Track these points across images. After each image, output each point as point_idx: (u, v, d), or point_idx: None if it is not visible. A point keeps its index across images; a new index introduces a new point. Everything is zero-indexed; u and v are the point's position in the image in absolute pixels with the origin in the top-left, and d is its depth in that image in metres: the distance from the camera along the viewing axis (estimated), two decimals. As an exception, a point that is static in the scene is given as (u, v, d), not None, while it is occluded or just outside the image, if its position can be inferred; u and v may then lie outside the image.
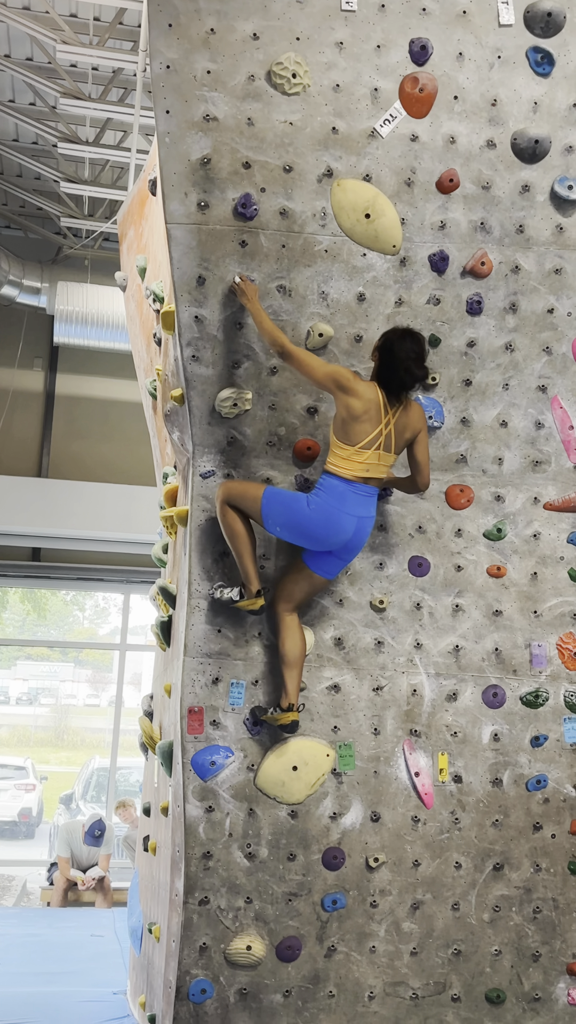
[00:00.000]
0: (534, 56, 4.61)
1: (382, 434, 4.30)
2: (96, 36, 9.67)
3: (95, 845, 10.13)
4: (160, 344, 5.22)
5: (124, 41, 9.80)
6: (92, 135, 11.14)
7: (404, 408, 4.36)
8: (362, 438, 4.29)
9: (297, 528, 4.33)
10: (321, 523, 4.30)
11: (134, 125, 9.48)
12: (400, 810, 4.63)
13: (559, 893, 4.77)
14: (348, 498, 4.30)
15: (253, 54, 4.40)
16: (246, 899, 4.49)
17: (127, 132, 10.98)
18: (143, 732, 5.42)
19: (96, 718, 19.73)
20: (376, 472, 4.34)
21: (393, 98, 4.52)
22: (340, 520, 4.29)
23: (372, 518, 4.40)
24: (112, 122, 10.87)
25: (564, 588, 4.84)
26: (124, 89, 10.50)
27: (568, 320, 4.75)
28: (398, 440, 4.36)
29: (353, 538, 4.36)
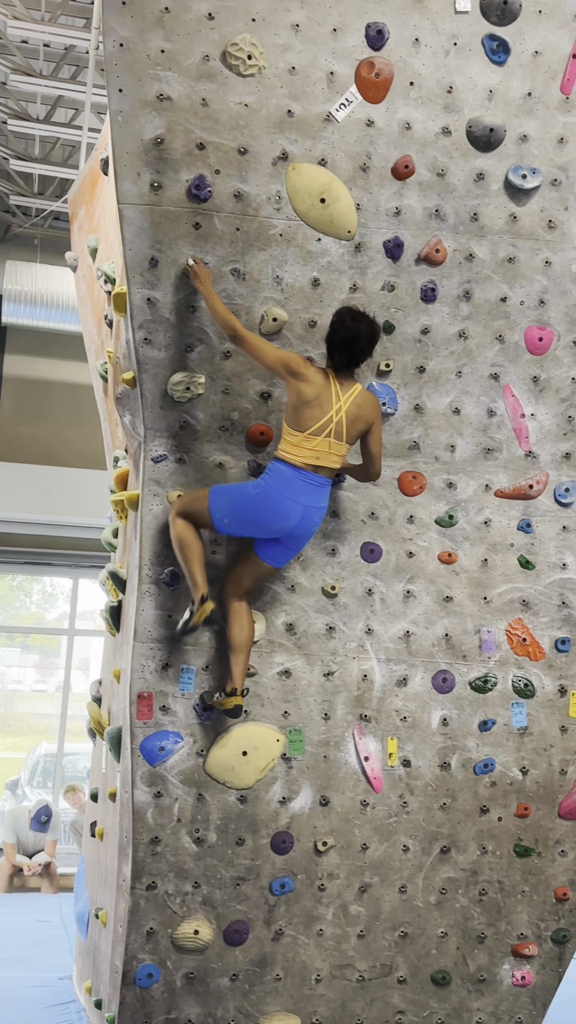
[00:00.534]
0: (490, 44, 4.62)
1: (332, 421, 4.30)
2: (48, 12, 9.51)
3: (41, 831, 10.08)
4: (111, 326, 5.17)
5: (76, 18, 9.65)
6: (43, 112, 10.97)
7: (357, 396, 4.36)
8: (312, 424, 4.28)
9: (242, 513, 4.32)
10: (264, 506, 4.29)
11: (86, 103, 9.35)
12: (349, 794, 4.66)
13: (504, 875, 4.84)
14: (295, 485, 4.29)
15: (208, 34, 4.36)
16: (194, 884, 4.49)
17: (79, 110, 10.83)
18: (91, 718, 5.39)
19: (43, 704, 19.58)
20: (327, 461, 4.34)
21: (349, 82, 4.50)
22: (284, 505, 4.28)
23: (322, 509, 4.40)
24: (63, 100, 10.71)
25: (514, 575, 4.89)
26: (76, 66, 10.35)
27: (521, 309, 4.78)
28: (350, 429, 4.36)
29: (299, 527, 4.34)
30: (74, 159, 11.60)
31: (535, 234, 4.74)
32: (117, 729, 4.72)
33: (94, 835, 5.44)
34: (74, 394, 13.00)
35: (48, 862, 9.97)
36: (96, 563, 12.93)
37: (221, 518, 4.35)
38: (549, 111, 4.70)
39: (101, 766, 5.41)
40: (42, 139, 11.41)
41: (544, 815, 4.87)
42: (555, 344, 4.84)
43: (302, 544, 4.44)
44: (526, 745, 4.86)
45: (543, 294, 4.79)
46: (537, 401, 4.87)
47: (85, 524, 12.35)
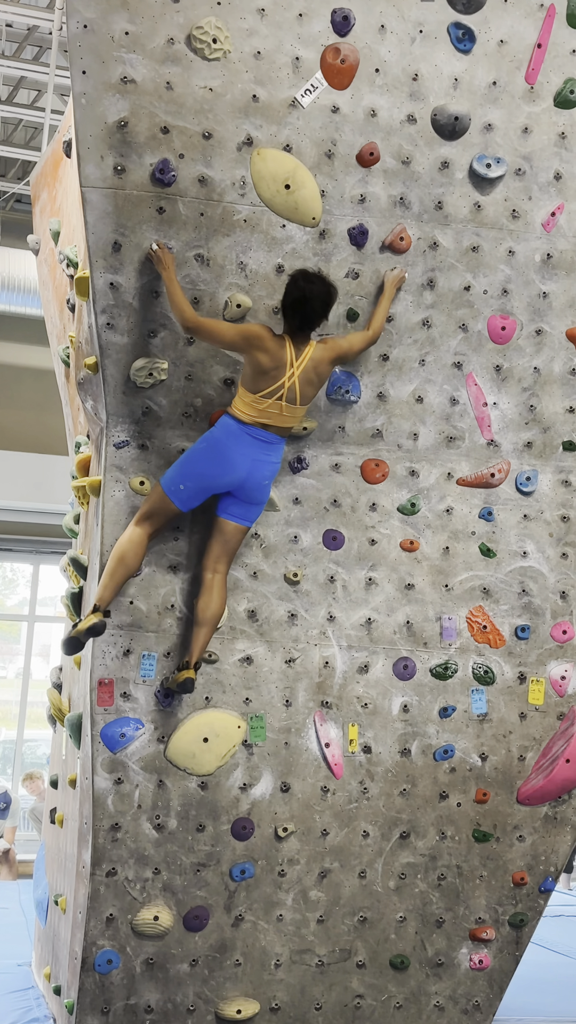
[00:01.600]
0: (455, 32, 4.62)
1: (285, 386, 4.32)
2: (10, -10, 9.38)
3: (0, 818, 10.02)
4: (74, 310, 5.12)
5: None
6: (5, 93, 10.83)
7: (310, 357, 4.35)
8: (264, 388, 4.32)
9: (192, 470, 4.33)
10: (211, 458, 4.32)
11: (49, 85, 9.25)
12: (310, 780, 4.68)
13: (463, 860, 4.88)
14: (241, 438, 4.32)
15: (173, 17, 4.32)
16: (154, 870, 4.49)
17: (41, 91, 10.71)
18: (51, 704, 5.36)
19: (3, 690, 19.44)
20: (278, 421, 4.36)
21: (315, 68, 4.48)
22: (229, 454, 4.30)
23: (272, 463, 4.41)
24: (26, 81, 10.58)
25: (475, 563, 4.92)
26: (39, 47, 10.23)
27: (484, 298, 4.80)
28: (303, 390, 4.37)
29: (248, 480, 4.35)
30: (36, 141, 11.47)
31: (499, 223, 4.76)
32: (78, 716, 4.70)
33: (54, 822, 5.42)
34: (35, 379, 12.89)
35: (7, 849, 9.92)
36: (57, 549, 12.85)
37: (176, 488, 4.34)
38: (514, 100, 4.72)
39: (61, 753, 5.39)
40: (4, 120, 11.27)
41: (503, 801, 4.93)
42: (518, 333, 4.87)
43: (256, 496, 4.42)
44: (486, 732, 4.90)
45: (506, 283, 4.82)
46: (499, 390, 4.90)
47: (46, 510, 12.28)
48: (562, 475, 5.03)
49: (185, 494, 4.36)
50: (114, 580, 4.35)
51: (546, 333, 4.91)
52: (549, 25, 4.72)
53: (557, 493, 5.03)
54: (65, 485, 6.20)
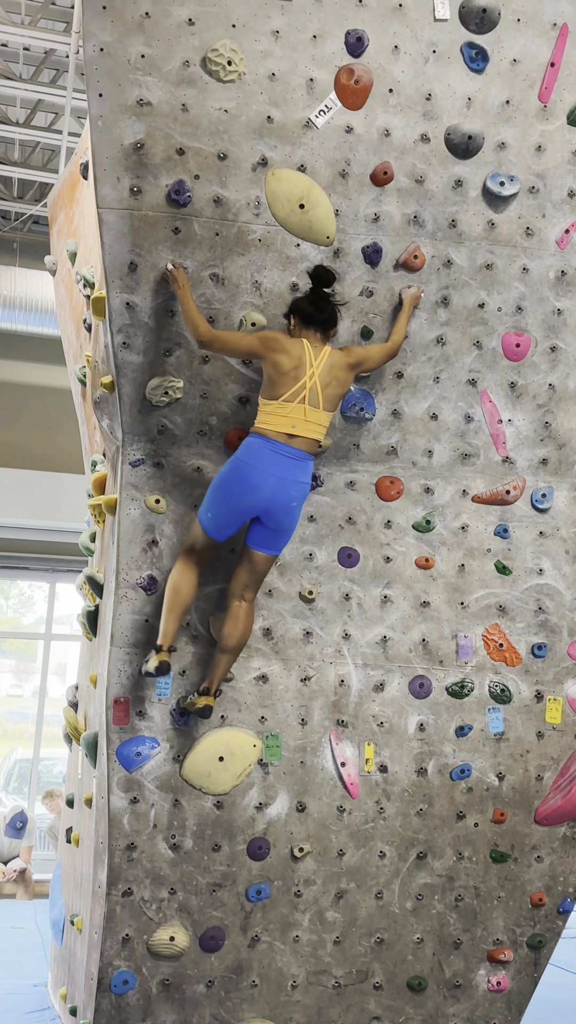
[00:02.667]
0: (469, 52, 4.64)
1: (306, 387, 4.28)
2: (28, 16, 9.49)
3: (16, 837, 10.01)
4: (90, 330, 5.15)
5: (57, 22, 9.64)
6: (23, 116, 10.94)
7: (327, 359, 4.33)
8: (285, 391, 4.26)
9: (217, 496, 4.27)
10: (235, 480, 4.23)
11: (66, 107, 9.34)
12: (326, 800, 4.66)
13: (480, 881, 4.85)
14: (264, 455, 4.23)
15: (188, 40, 4.36)
16: (170, 890, 4.47)
17: (58, 114, 10.81)
18: (67, 723, 5.36)
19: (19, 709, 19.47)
20: (304, 430, 4.28)
21: (329, 89, 4.51)
22: (251, 475, 4.21)
23: (300, 483, 4.29)
24: (43, 104, 10.69)
25: (491, 580, 4.90)
26: (56, 71, 10.34)
27: (498, 315, 4.81)
28: (325, 393, 4.32)
29: (273, 501, 4.24)
30: (54, 163, 11.57)
31: (513, 241, 4.77)
32: (93, 734, 4.70)
33: (70, 841, 5.41)
34: (53, 398, 12.96)
35: (23, 868, 9.91)
36: (73, 567, 12.88)
37: (207, 518, 4.30)
38: (527, 119, 4.73)
39: (77, 772, 5.38)
40: (22, 143, 11.38)
41: (520, 821, 4.89)
42: (532, 350, 4.87)
43: (283, 523, 4.32)
44: (502, 751, 4.87)
45: (520, 300, 4.82)
46: (514, 407, 4.90)
47: (63, 528, 12.31)
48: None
49: (215, 522, 4.30)
50: (172, 615, 4.31)
51: (561, 350, 4.90)
52: (562, 44, 4.74)
53: (573, 510, 5.01)
54: (81, 503, 6.22)
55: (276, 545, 4.40)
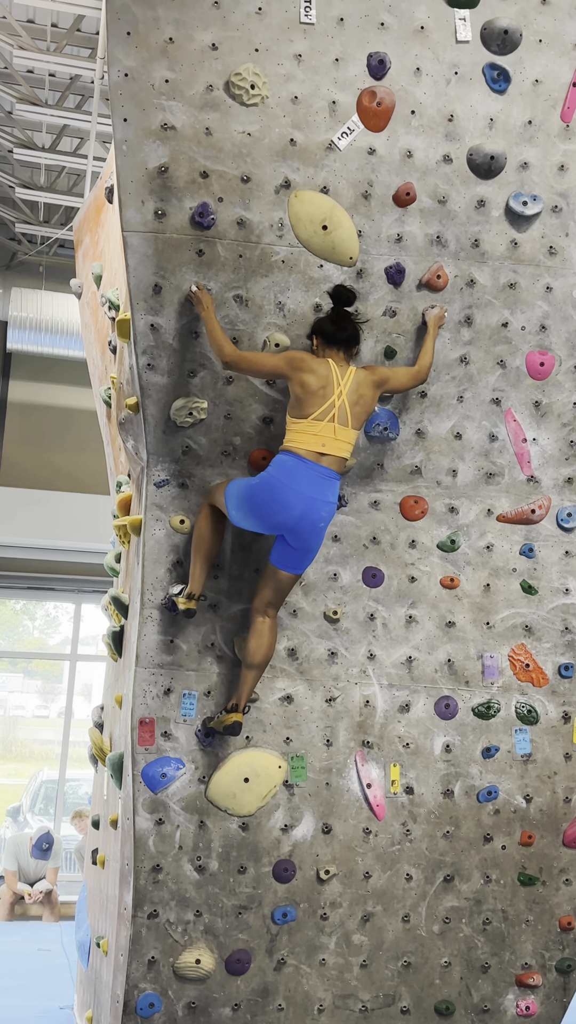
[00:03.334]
0: (490, 73, 4.66)
1: (335, 406, 4.28)
2: (54, 42, 9.62)
3: (43, 858, 10.01)
4: (115, 352, 5.19)
5: (82, 48, 9.76)
6: (48, 141, 11.07)
7: (353, 379, 4.35)
8: (314, 409, 4.27)
9: (244, 504, 4.26)
10: (264, 496, 4.21)
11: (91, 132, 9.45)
12: (351, 822, 4.63)
13: (508, 904, 4.79)
14: (297, 474, 4.22)
15: (211, 64, 4.40)
16: (196, 912, 4.45)
17: (84, 139, 10.93)
18: (93, 744, 5.37)
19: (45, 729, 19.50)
20: (333, 448, 4.28)
21: (351, 111, 4.54)
22: (283, 494, 4.19)
23: (328, 503, 4.28)
24: (69, 129, 10.81)
25: (516, 600, 4.87)
26: (81, 96, 10.46)
27: (522, 334, 4.80)
28: (353, 411, 4.32)
29: (302, 520, 4.22)
30: (79, 187, 11.70)
31: (536, 260, 4.76)
32: (119, 755, 4.70)
33: (95, 863, 5.40)
34: (78, 420, 13.05)
35: (49, 890, 9.90)
36: (99, 588, 12.92)
37: (232, 510, 4.32)
38: (549, 139, 4.74)
39: (103, 793, 5.38)
40: (47, 168, 11.52)
41: (548, 843, 4.83)
42: (556, 369, 4.86)
43: (309, 543, 4.30)
44: (530, 772, 4.83)
45: (544, 319, 4.81)
46: (539, 426, 4.88)
47: (88, 549, 12.36)
48: (604, 511, 4.98)
49: (238, 519, 4.33)
50: (198, 561, 4.40)
51: (586, 368, 4.88)
52: (584, 64, 4.74)
53: (599, 529, 4.97)
54: (106, 524, 6.25)
55: (300, 565, 4.39)
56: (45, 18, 9.52)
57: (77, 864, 10.84)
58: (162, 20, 4.36)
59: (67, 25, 9.53)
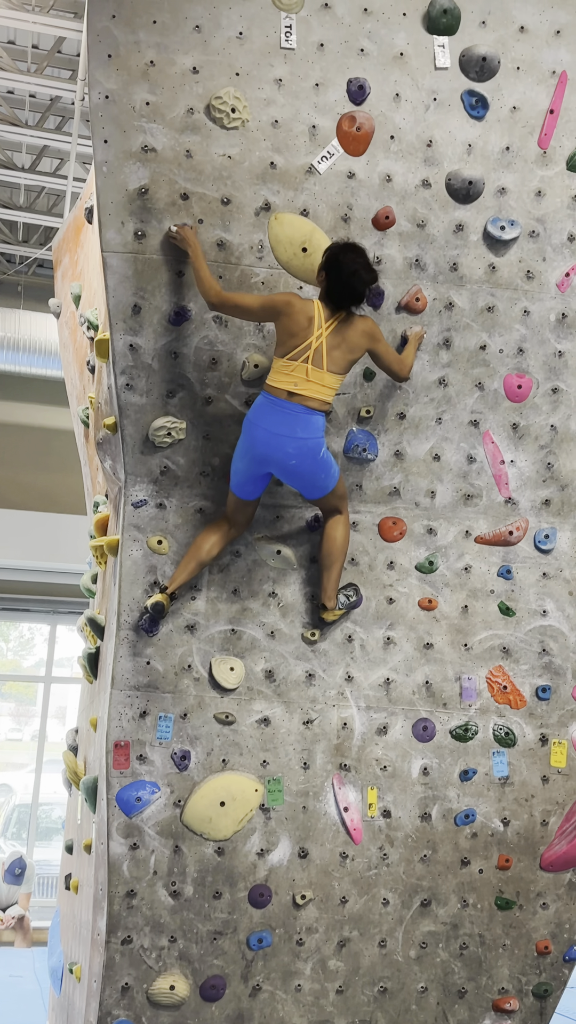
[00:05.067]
0: (469, 99, 4.71)
1: (311, 347, 4.28)
2: (34, 64, 9.65)
3: (15, 884, 9.89)
4: (93, 372, 5.18)
5: (62, 69, 9.80)
6: (28, 162, 11.09)
7: (340, 323, 4.33)
8: (290, 350, 4.29)
9: (236, 455, 4.41)
10: (242, 435, 4.36)
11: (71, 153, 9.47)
12: (328, 846, 4.60)
13: (485, 929, 4.77)
14: (265, 412, 4.29)
15: (192, 87, 4.43)
16: (170, 938, 4.41)
17: (64, 160, 10.96)
18: (67, 767, 5.31)
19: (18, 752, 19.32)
20: (306, 389, 4.28)
21: (331, 135, 4.57)
22: (252, 432, 4.31)
23: (295, 438, 4.28)
24: (49, 149, 10.84)
25: (494, 621, 4.88)
26: (62, 117, 10.49)
27: (500, 357, 4.83)
28: (331, 355, 4.31)
29: (270, 458, 4.31)
30: (59, 208, 11.71)
31: (514, 284, 4.80)
32: (93, 779, 4.65)
33: (69, 888, 5.34)
34: (55, 439, 13.01)
35: (22, 915, 9.77)
36: (75, 609, 12.85)
37: (232, 477, 4.43)
38: (527, 165, 4.79)
39: (76, 817, 5.32)
40: (27, 188, 11.53)
41: (525, 867, 4.82)
42: (534, 392, 4.89)
43: (295, 480, 4.40)
44: (507, 795, 4.82)
45: (522, 343, 4.84)
46: (516, 448, 4.90)
47: (64, 570, 12.30)
48: (581, 534, 5.00)
49: (236, 479, 4.42)
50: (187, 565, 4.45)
51: (562, 391, 4.92)
52: (561, 91, 4.81)
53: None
54: (83, 545, 6.21)
55: (314, 492, 4.48)
56: (26, 39, 9.56)
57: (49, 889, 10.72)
58: (143, 43, 4.38)
59: (48, 47, 9.57)
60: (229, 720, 4.53)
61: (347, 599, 4.66)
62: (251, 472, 4.39)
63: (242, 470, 4.40)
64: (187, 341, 4.50)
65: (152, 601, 4.39)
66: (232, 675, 4.54)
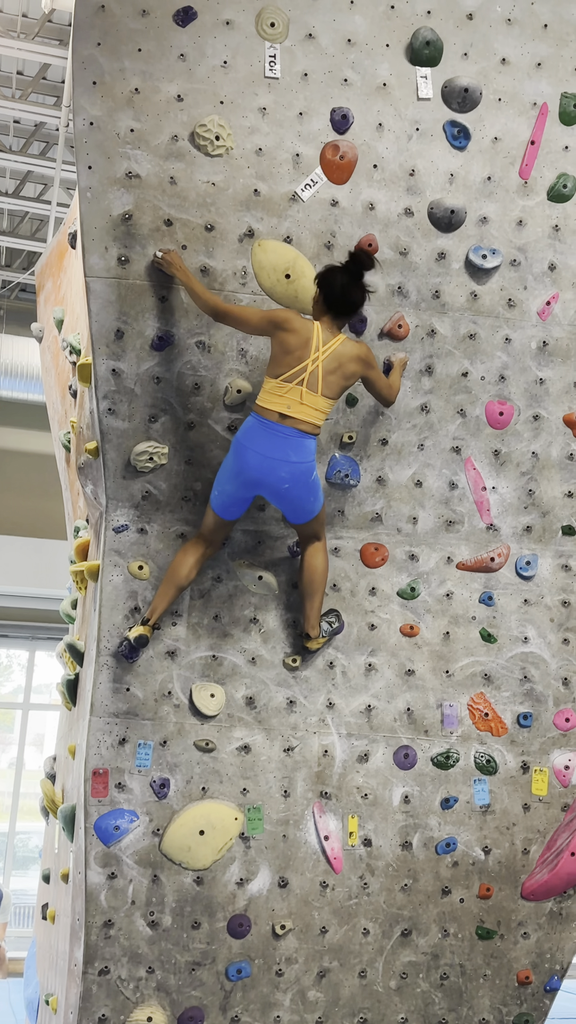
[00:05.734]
0: (451, 130, 4.76)
1: (307, 370, 4.26)
2: (19, 90, 9.70)
3: (-9, 913, 9.75)
4: (75, 396, 5.17)
5: (47, 96, 9.85)
6: (12, 187, 11.12)
7: (338, 347, 4.32)
8: (286, 370, 4.26)
9: (221, 473, 4.36)
10: (231, 457, 4.31)
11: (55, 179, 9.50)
12: (308, 875, 4.55)
13: (466, 959, 4.73)
14: (255, 433, 4.25)
15: (177, 115, 4.45)
16: (148, 969, 4.34)
17: (47, 185, 11.00)
18: (45, 795, 5.26)
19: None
20: (299, 412, 4.26)
21: (314, 164, 4.60)
22: (245, 455, 4.26)
23: (288, 462, 4.26)
24: (33, 175, 10.87)
25: (476, 648, 4.87)
26: (46, 143, 10.54)
27: (481, 384, 4.85)
28: (326, 379, 4.29)
29: (262, 482, 4.27)
30: (42, 233, 11.74)
31: (495, 312, 4.83)
32: (71, 807, 4.60)
33: (45, 917, 5.26)
34: (36, 464, 12.97)
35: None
36: (54, 635, 12.77)
37: (215, 496, 4.37)
38: (508, 195, 4.83)
39: (54, 846, 5.26)
40: (11, 213, 11.55)
41: (506, 896, 4.79)
42: (515, 419, 4.91)
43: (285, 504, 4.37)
44: (488, 824, 4.79)
45: (503, 370, 4.87)
46: (498, 474, 4.92)
47: (43, 595, 12.23)
48: (562, 559, 5.01)
49: (219, 500, 4.37)
50: (166, 592, 4.40)
51: (543, 418, 4.95)
52: (542, 123, 4.87)
53: (557, 578, 5.00)
54: (63, 570, 6.18)
55: (300, 517, 4.45)
56: (11, 66, 9.60)
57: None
58: (128, 71, 4.41)
59: (33, 73, 9.62)
60: (209, 747, 4.49)
61: (329, 626, 4.64)
62: (239, 495, 4.37)
63: (229, 492, 4.36)
64: (170, 366, 4.50)
65: (135, 634, 4.34)
66: (213, 702, 4.51)
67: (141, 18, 4.41)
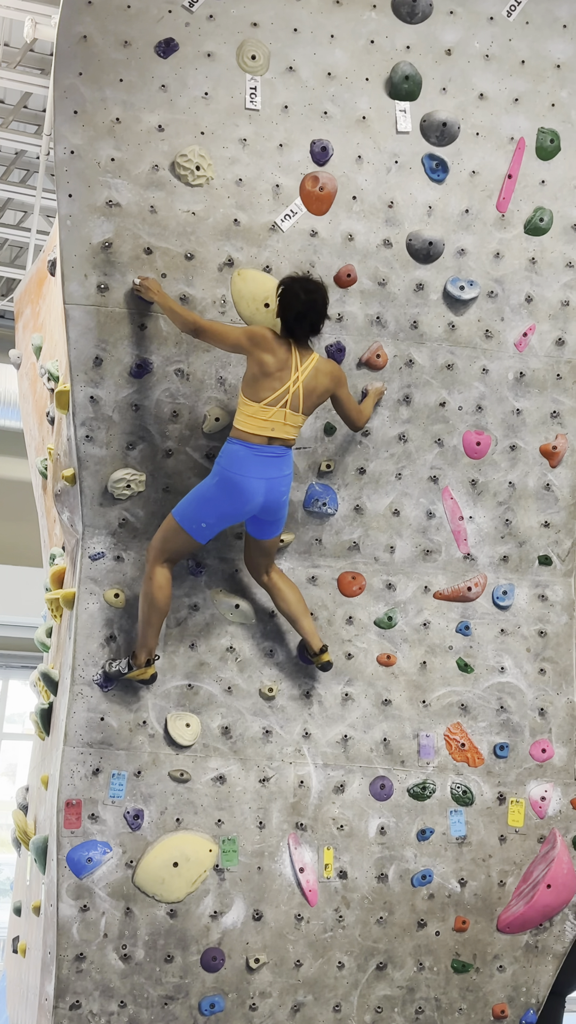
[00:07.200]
0: (429, 163, 4.81)
1: (289, 391, 4.27)
2: (0, 118, 9.73)
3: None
4: (53, 423, 5.15)
5: (28, 124, 9.89)
6: (-9, 214, 11.13)
7: (314, 366, 4.34)
8: (269, 394, 4.25)
9: (211, 508, 4.26)
10: (228, 492, 4.24)
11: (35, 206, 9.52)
12: (283, 908, 4.50)
13: (442, 992, 4.68)
14: (251, 462, 4.24)
15: (158, 145, 4.48)
16: (120, 1003, 4.27)
17: (27, 212, 11.02)
18: (16, 826, 5.19)
19: (-33, 810, 18.84)
20: (282, 432, 4.29)
21: (294, 195, 4.64)
22: (243, 485, 4.23)
23: (286, 476, 4.33)
24: (13, 202, 10.90)
25: (452, 678, 4.86)
26: (26, 171, 10.57)
27: (459, 414, 4.88)
28: (306, 400, 4.32)
29: (267, 500, 4.29)
30: (21, 260, 11.75)
31: (473, 342, 4.87)
32: (43, 839, 4.53)
33: (16, 951, 5.18)
34: (11, 491, 12.91)
35: (-35, 981, 9.45)
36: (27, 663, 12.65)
37: (197, 525, 4.29)
38: (486, 227, 4.88)
39: (26, 878, 5.18)
40: (-11, 239, 11.56)
41: (482, 929, 4.76)
42: (492, 448, 4.93)
43: (277, 515, 4.38)
44: (464, 855, 4.77)
45: (481, 400, 4.90)
46: (475, 504, 4.93)
47: (18, 623, 12.14)
48: (538, 589, 5.03)
49: (207, 531, 4.32)
50: (152, 627, 4.35)
51: (520, 449, 4.97)
52: (519, 157, 4.93)
53: (534, 607, 5.01)
54: (37, 597, 6.13)
55: (274, 530, 4.45)
56: (-8, 94, 9.64)
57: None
58: (109, 101, 4.43)
59: (14, 101, 9.66)
60: (184, 778, 4.45)
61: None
62: (235, 520, 4.34)
63: (224, 521, 4.31)
64: (148, 393, 4.50)
65: (148, 675, 4.37)
66: (188, 731, 4.47)
67: (123, 48, 4.44)
